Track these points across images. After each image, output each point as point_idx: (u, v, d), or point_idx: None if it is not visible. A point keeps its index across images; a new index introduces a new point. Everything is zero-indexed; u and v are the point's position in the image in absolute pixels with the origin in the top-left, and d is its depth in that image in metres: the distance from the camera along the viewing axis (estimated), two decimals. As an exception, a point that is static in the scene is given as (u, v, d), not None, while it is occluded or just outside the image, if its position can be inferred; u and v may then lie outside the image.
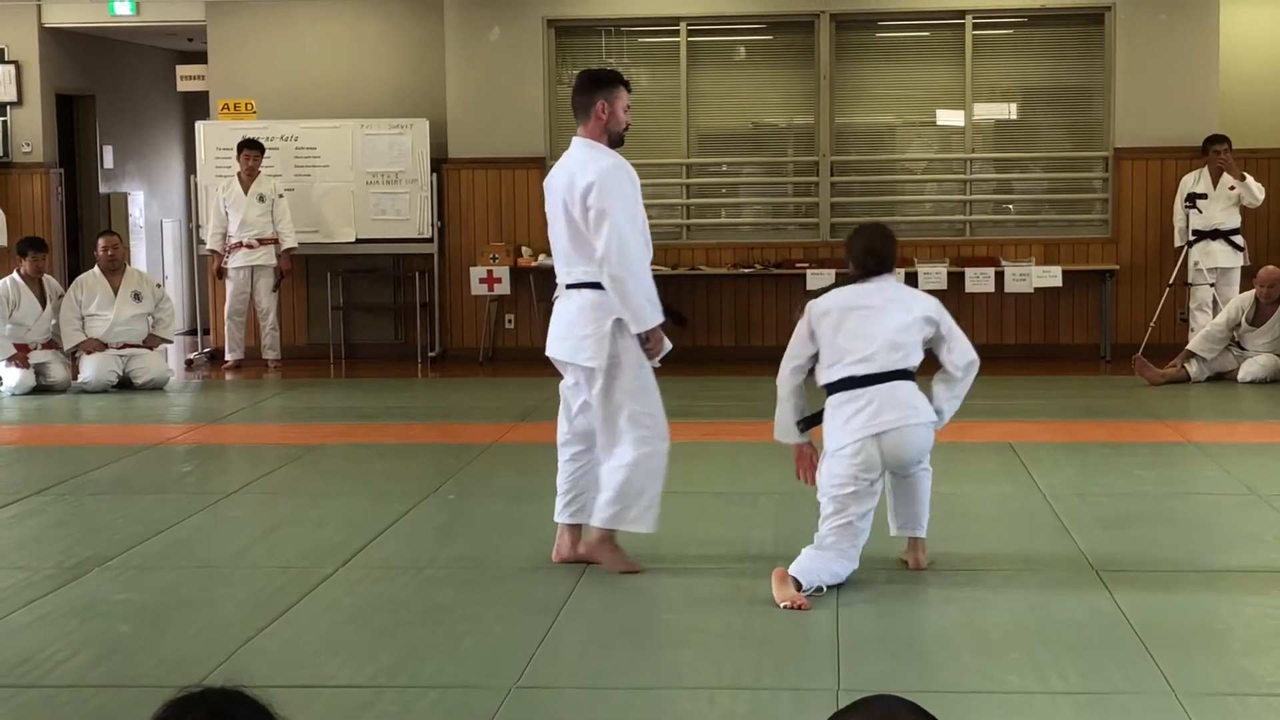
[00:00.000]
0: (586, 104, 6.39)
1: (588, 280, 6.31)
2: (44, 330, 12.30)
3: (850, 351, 6.14)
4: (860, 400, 6.09)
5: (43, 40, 14.80)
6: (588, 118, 6.39)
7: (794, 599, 5.78)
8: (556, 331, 6.46)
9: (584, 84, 6.43)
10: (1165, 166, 13.44)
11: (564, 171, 6.40)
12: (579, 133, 6.44)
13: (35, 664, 5.27)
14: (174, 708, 2.16)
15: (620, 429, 6.30)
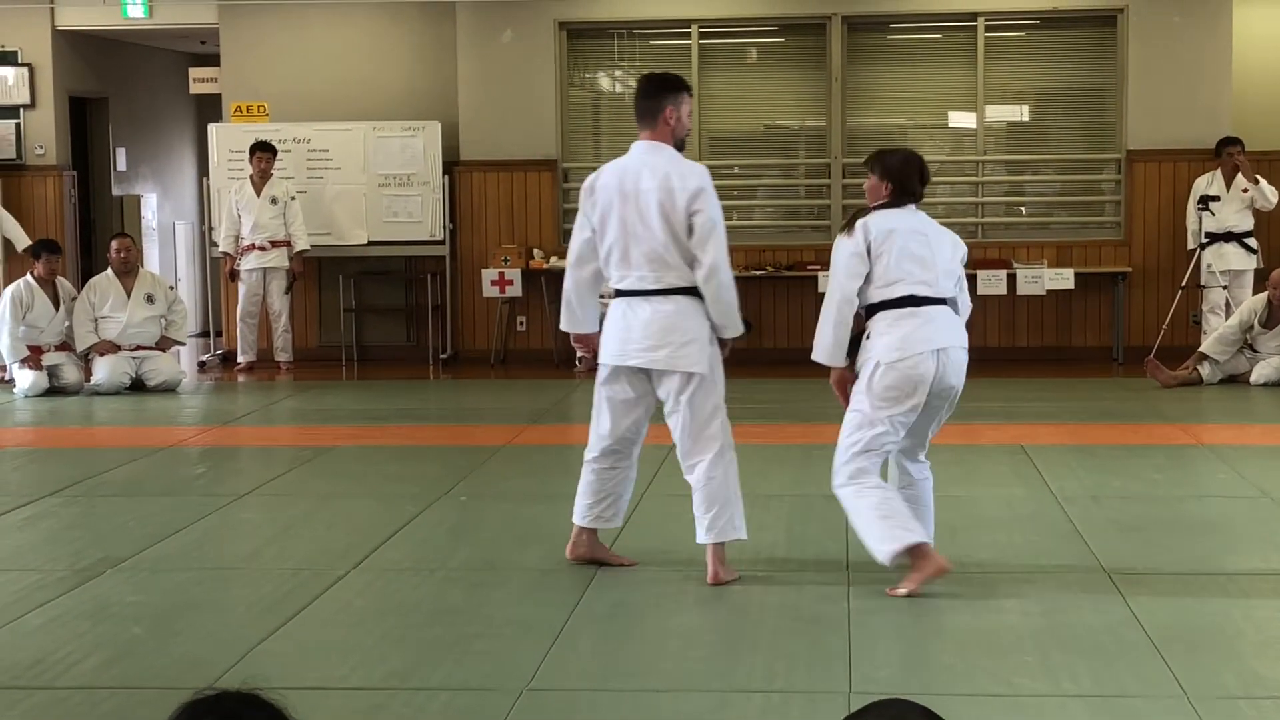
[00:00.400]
0: (654, 109, 6.27)
1: (680, 286, 6.16)
2: (57, 332, 12.32)
3: (912, 273, 6.19)
4: (921, 317, 6.16)
5: (56, 43, 14.83)
6: (654, 122, 6.26)
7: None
8: (646, 339, 6.18)
9: (651, 89, 6.32)
10: (1178, 169, 13.42)
11: (650, 175, 6.17)
12: (642, 136, 6.28)
13: (48, 666, 5.28)
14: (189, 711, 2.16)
15: (711, 435, 6.23)
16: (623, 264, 6.21)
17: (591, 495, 6.46)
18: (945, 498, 7.86)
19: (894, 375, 6.08)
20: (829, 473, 6.95)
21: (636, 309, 6.21)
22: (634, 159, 6.28)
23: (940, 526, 7.14)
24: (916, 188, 6.40)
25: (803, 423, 10.09)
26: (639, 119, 6.32)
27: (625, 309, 6.25)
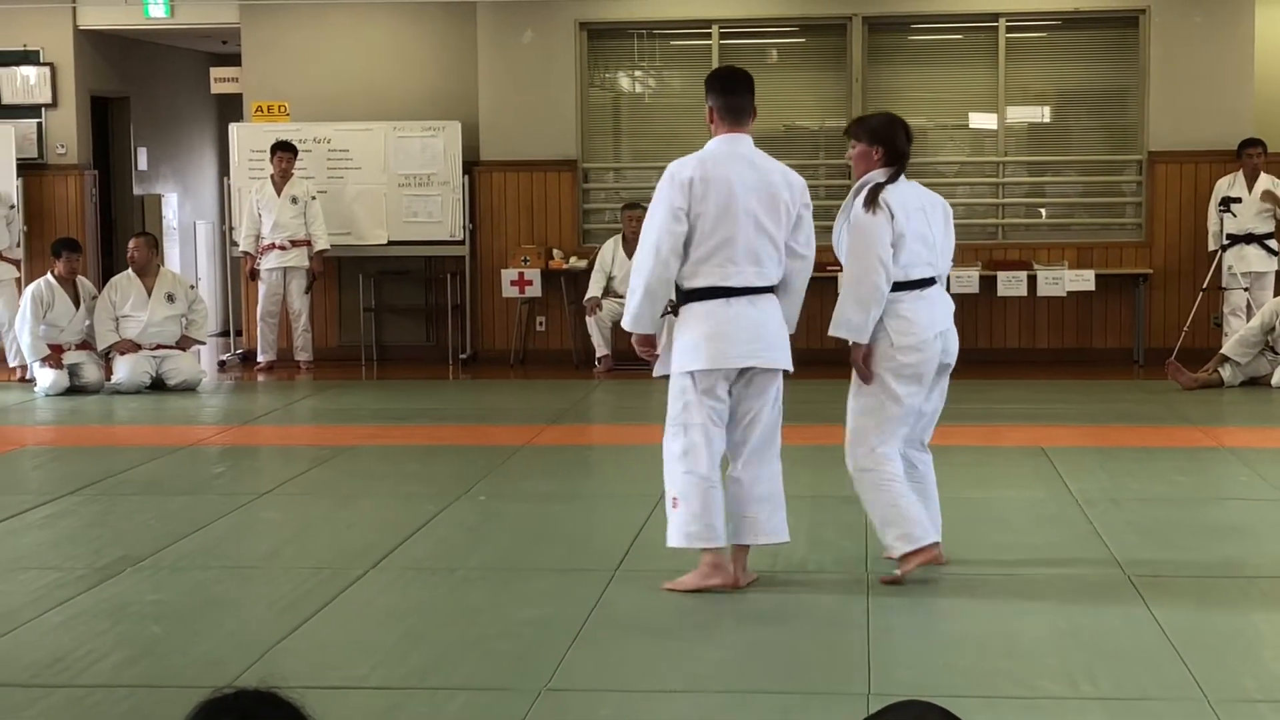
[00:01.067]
0: (748, 105, 6.19)
1: (772, 283, 6.09)
2: (78, 331, 12.36)
3: (920, 254, 6.20)
4: (927, 300, 6.21)
5: (77, 42, 14.87)
6: (744, 118, 6.17)
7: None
8: (761, 338, 6.04)
9: (743, 86, 6.19)
10: (1200, 170, 13.38)
11: (752, 169, 6.08)
12: (741, 130, 6.15)
13: (67, 664, 5.29)
14: (207, 709, 2.16)
15: (778, 435, 6.23)
16: (725, 261, 5.99)
17: (723, 505, 6.11)
18: (965, 499, 7.86)
19: (911, 357, 6.15)
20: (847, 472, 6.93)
21: (741, 308, 6.02)
22: (731, 152, 6.11)
23: (960, 527, 7.14)
24: (905, 147, 6.37)
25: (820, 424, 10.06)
26: (728, 113, 6.13)
27: (724, 308, 6.01)
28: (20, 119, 14.71)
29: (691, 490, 6.01)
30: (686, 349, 6.05)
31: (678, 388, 6.07)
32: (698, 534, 6.03)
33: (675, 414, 6.08)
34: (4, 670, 5.25)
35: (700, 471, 6.02)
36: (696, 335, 6.03)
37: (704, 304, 6.03)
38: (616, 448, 9.85)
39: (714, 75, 6.32)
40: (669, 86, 14.48)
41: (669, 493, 6.12)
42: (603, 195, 14.25)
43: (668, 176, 6.08)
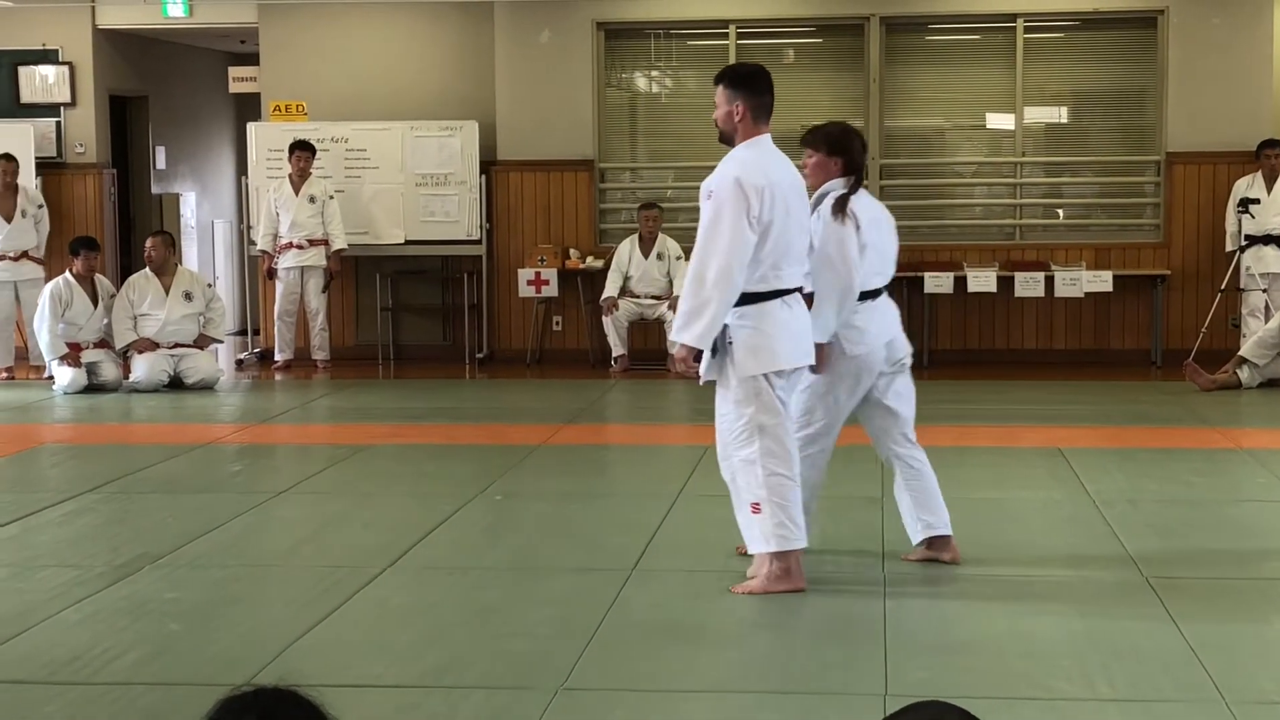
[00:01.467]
0: (772, 105, 6.22)
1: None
2: (96, 329, 12.39)
3: (876, 263, 6.35)
4: (880, 309, 6.40)
5: (96, 41, 14.91)
6: (769, 119, 6.21)
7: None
8: (808, 336, 6.11)
9: (772, 83, 6.21)
10: (1218, 171, 13.35)
11: (795, 170, 6.20)
12: (763, 130, 6.15)
13: (86, 661, 5.31)
14: (226, 708, 2.16)
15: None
16: (784, 262, 6.03)
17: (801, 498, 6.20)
18: (982, 499, 7.86)
19: (851, 366, 6.31)
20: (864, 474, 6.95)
21: (796, 308, 6.09)
22: (771, 153, 6.14)
23: (977, 528, 7.14)
24: (862, 158, 6.49)
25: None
26: (761, 112, 6.12)
27: (783, 309, 6.04)
28: (39, 118, 14.76)
29: (778, 493, 6.02)
30: (756, 351, 6.01)
31: (748, 391, 6.01)
32: (787, 537, 6.04)
33: (748, 417, 6.02)
34: (23, 667, 5.26)
35: (786, 473, 6.04)
36: (764, 337, 6.01)
37: (763, 305, 6.01)
38: (633, 447, 9.86)
39: (743, 74, 6.21)
40: (686, 86, 14.48)
41: (747, 498, 6.06)
42: (619, 195, 14.26)
43: (736, 184, 5.95)
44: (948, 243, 13.72)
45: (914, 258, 13.50)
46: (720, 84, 6.16)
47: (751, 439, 6.02)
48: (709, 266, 5.92)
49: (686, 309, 5.98)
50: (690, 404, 12.08)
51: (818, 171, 6.41)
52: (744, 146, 6.11)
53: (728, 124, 6.14)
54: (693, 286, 5.97)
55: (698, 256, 5.98)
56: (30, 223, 13.49)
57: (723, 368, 6.07)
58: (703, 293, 5.92)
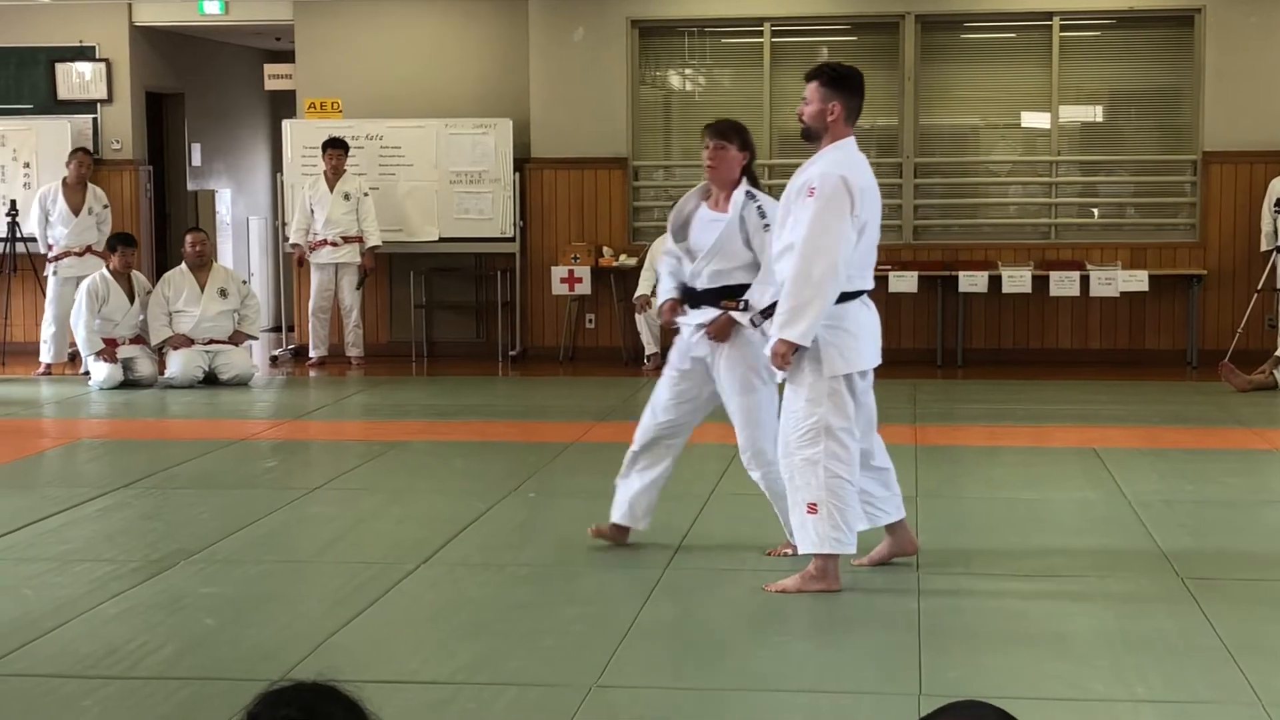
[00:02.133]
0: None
1: None
2: (132, 325, 12.45)
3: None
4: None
5: (133, 39, 14.98)
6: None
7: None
8: (879, 338, 6.23)
9: (864, 88, 6.24)
10: (1255, 170, 13.27)
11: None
12: (851, 132, 6.16)
13: (122, 656, 5.33)
14: (266, 702, 2.17)
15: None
16: (868, 265, 6.14)
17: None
18: (1016, 500, 7.84)
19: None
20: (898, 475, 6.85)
21: (871, 307, 6.19)
22: (863, 157, 6.17)
23: (1012, 528, 7.13)
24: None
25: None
26: (855, 116, 6.16)
27: (864, 308, 6.12)
28: (76, 114, 14.85)
29: (838, 495, 6.02)
30: (845, 351, 6.02)
31: (824, 390, 6.01)
32: (841, 541, 6.04)
33: (818, 417, 6.01)
34: (59, 661, 5.29)
35: (848, 476, 6.04)
36: (851, 337, 6.04)
37: (846, 306, 6.03)
38: (666, 445, 9.86)
39: (841, 74, 6.17)
40: (720, 84, 14.47)
41: (804, 498, 6.05)
42: (653, 193, 14.26)
43: (840, 183, 5.94)
44: (982, 242, 13.67)
45: (948, 256, 13.48)
46: (815, 81, 6.12)
47: (817, 439, 6.01)
48: (814, 264, 5.89)
49: (790, 306, 5.94)
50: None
51: (730, 166, 6.51)
52: (835, 147, 6.08)
53: (818, 122, 6.10)
54: (797, 284, 5.92)
55: (802, 253, 5.91)
56: (94, 220, 13.54)
57: (798, 366, 6.05)
58: (807, 290, 5.89)
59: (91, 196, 13.59)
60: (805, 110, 6.12)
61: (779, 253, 6.11)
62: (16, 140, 14.59)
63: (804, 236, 5.91)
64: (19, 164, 14.57)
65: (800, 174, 6.11)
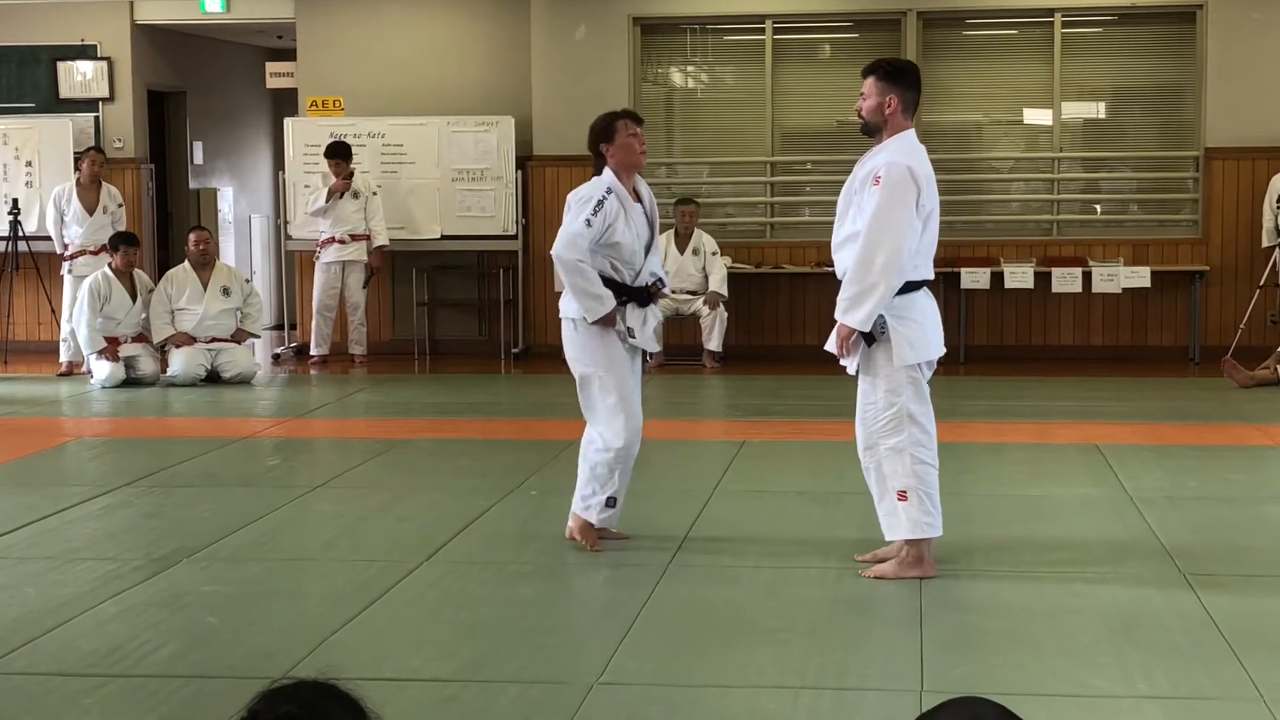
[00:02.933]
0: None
1: None
2: (134, 324, 12.45)
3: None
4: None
5: (135, 37, 14.98)
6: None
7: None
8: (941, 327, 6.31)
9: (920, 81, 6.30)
10: (1257, 166, 13.26)
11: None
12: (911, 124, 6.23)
13: (124, 654, 5.33)
14: (267, 700, 2.17)
15: None
16: (929, 255, 6.19)
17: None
18: (1020, 496, 7.84)
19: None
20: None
21: (932, 298, 6.26)
22: (923, 149, 6.23)
23: (1015, 524, 7.13)
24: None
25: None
26: (913, 109, 6.23)
27: (926, 298, 6.20)
28: (78, 113, 14.85)
29: (925, 481, 6.14)
30: (914, 341, 6.10)
31: (901, 379, 6.09)
32: (931, 524, 6.16)
33: (899, 405, 6.10)
34: (61, 660, 5.30)
35: (931, 461, 6.17)
36: (919, 327, 6.11)
37: (912, 296, 6.11)
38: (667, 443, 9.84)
39: (899, 68, 6.26)
40: (722, 81, 14.47)
41: (894, 485, 6.14)
42: (655, 190, 14.17)
43: (906, 173, 6.01)
44: (985, 238, 13.66)
45: (951, 253, 13.46)
46: (872, 76, 6.20)
47: (900, 427, 6.11)
48: (878, 251, 5.96)
49: (852, 293, 6.02)
50: (725, 399, 12.09)
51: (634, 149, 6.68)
52: (898, 139, 6.15)
53: (876, 116, 6.17)
54: (860, 270, 5.99)
55: (866, 240, 5.98)
56: (109, 219, 13.53)
57: (871, 358, 6.11)
58: (869, 277, 5.97)
59: (106, 195, 13.58)
60: (864, 105, 6.21)
61: (841, 241, 6.16)
62: (19, 139, 14.59)
63: (869, 224, 6.00)
64: (21, 163, 14.57)
65: (863, 164, 6.18)
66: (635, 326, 6.62)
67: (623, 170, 6.62)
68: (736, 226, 14.08)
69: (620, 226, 6.51)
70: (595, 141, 6.69)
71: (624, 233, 6.51)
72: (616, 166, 6.61)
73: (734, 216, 14.16)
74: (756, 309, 13.79)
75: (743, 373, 12.85)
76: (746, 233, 14.07)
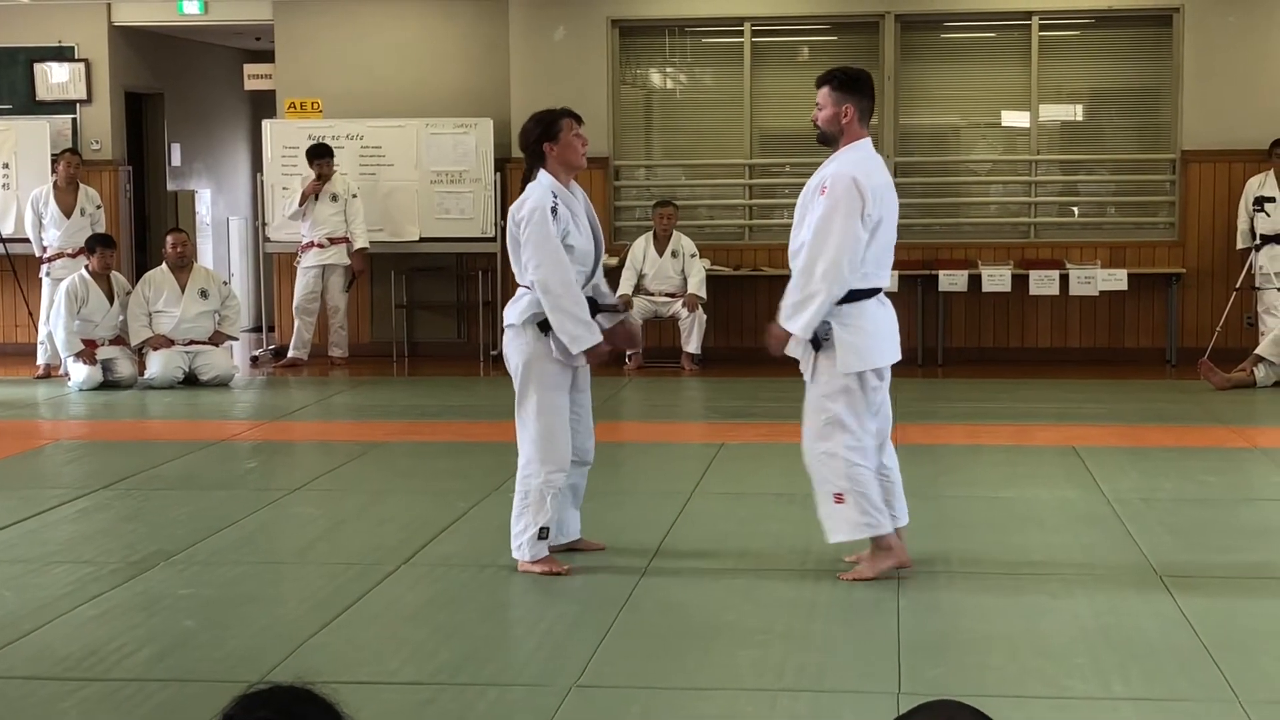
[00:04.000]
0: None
1: None
2: (111, 326, 12.42)
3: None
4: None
5: (112, 39, 14.95)
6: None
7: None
8: (897, 335, 6.31)
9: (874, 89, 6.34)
10: (1233, 169, 13.32)
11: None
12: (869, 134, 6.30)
13: (100, 658, 5.32)
14: (243, 704, 2.17)
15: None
16: (884, 262, 6.20)
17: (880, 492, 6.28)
18: (997, 499, 7.86)
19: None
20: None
21: (887, 306, 6.26)
22: (878, 157, 6.30)
23: (991, 526, 7.15)
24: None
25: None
26: (868, 117, 6.28)
27: (880, 306, 6.21)
28: (55, 114, 14.81)
29: (861, 483, 6.14)
30: (859, 349, 6.12)
31: (837, 386, 6.13)
32: (872, 524, 6.18)
33: (834, 412, 6.14)
34: (38, 663, 5.28)
35: (870, 465, 6.19)
36: (865, 335, 6.13)
37: (862, 304, 6.13)
38: (646, 445, 9.85)
39: (852, 77, 6.31)
40: (700, 84, 14.48)
41: (828, 489, 6.18)
42: (634, 192, 14.26)
43: (851, 184, 6.05)
44: (962, 241, 13.69)
45: (928, 256, 13.50)
46: (827, 86, 6.26)
47: (833, 433, 6.15)
48: (819, 260, 6.03)
49: (794, 300, 6.11)
50: (704, 402, 12.09)
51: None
52: (851, 148, 6.21)
53: (833, 125, 6.24)
54: (802, 278, 6.08)
55: (809, 248, 6.06)
56: (88, 221, 13.48)
57: (818, 363, 6.18)
58: (811, 285, 6.04)
59: (84, 197, 13.55)
60: (820, 115, 6.28)
61: (796, 249, 6.20)
62: (-5, 141, 14.55)
63: (813, 233, 6.06)
64: (-2, 164, 14.53)
65: (817, 173, 6.25)
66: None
67: (563, 171, 6.50)
68: (715, 229, 14.10)
69: (573, 230, 6.44)
70: (536, 140, 6.54)
71: (576, 236, 6.44)
72: (557, 167, 6.49)
73: (712, 219, 14.18)
74: (735, 311, 13.80)
75: (721, 375, 12.86)
76: (725, 235, 14.08)
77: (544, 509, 6.36)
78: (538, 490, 6.38)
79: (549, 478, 6.39)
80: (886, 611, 5.78)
